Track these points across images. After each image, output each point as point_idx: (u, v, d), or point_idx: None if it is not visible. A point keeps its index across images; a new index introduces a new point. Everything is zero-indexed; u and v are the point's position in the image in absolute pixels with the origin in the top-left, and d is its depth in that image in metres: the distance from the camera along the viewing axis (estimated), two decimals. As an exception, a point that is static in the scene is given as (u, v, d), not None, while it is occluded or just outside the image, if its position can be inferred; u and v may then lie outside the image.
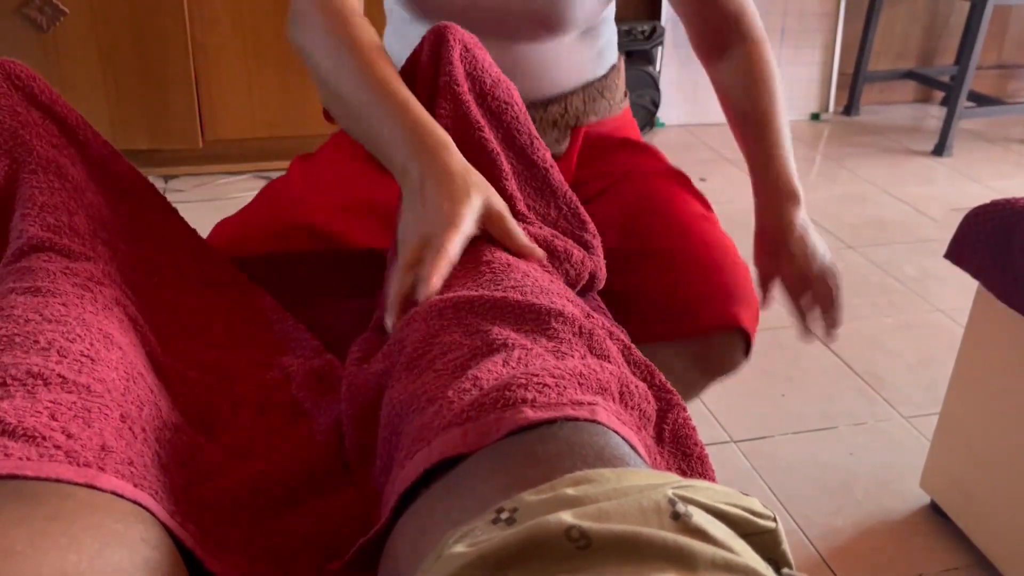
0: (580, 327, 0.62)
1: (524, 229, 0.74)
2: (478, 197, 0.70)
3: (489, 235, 0.72)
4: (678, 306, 0.93)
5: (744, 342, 0.94)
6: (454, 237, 0.67)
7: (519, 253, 0.72)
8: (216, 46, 2.44)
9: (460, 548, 0.37)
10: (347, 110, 0.79)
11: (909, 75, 3.59)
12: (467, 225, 0.68)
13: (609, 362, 0.59)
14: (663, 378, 0.66)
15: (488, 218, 0.71)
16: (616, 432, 0.49)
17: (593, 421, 0.49)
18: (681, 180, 1.06)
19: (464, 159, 0.73)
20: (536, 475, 0.44)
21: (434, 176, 0.70)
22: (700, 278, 0.93)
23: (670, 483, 0.41)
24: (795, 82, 3.42)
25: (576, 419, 0.48)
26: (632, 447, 0.50)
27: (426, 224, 0.69)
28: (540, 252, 0.73)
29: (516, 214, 0.77)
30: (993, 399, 1.27)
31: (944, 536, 1.40)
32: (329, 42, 0.80)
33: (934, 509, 1.44)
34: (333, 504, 0.60)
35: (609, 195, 1.05)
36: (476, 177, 0.72)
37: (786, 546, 0.41)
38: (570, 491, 0.40)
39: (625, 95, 1.15)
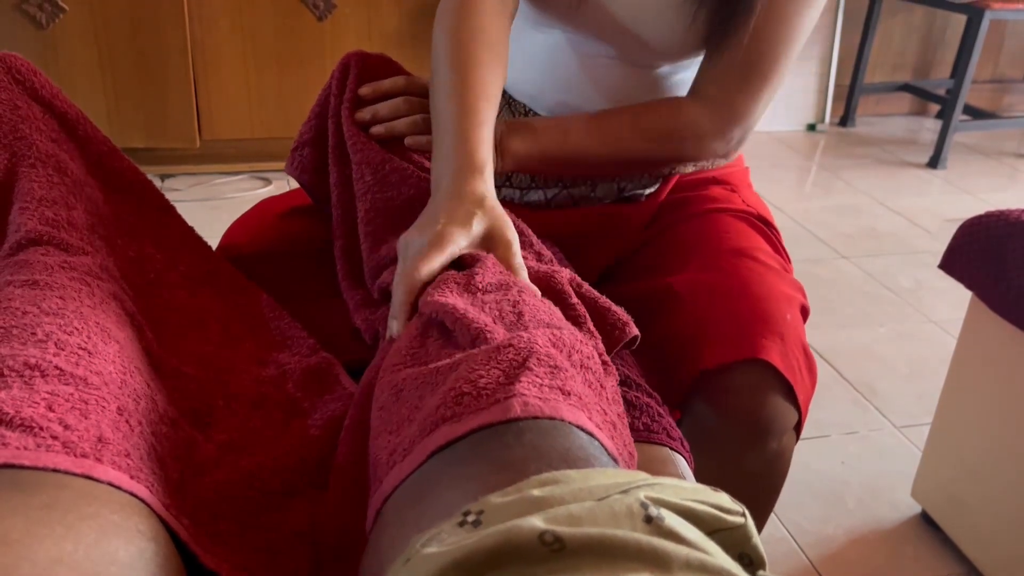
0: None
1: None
2: (479, 223, 0.70)
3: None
4: (691, 341, 0.82)
5: (778, 383, 0.80)
6: (432, 257, 0.67)
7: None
8: (215, 46, 2.45)
9: (431, 549, 0.36)
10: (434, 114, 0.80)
11: (905, 88, 3.61)
12: (452, 247, 0.68)
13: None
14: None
15: (493, 245, 0.71)
16: (577, 426, 0.49)
17: (550, 418, 0.48)
18: (749, 217, 0.98)
19: (492, 188, 0.73)
20: (502, 480, 0.43)
21: (451, 195, 0.71)
22: (720, 309, 0.83)
23: (637, 481, 0.41)
24: (792, 93, 3.43)
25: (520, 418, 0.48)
26: (597, 440, 0.49)
27: (416, 233, 0.70)
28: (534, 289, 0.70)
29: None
30: (985, 410, 1.27)
31: (934, 545, 1.40)
32: (448, 42, 0.81)
33: (925, 519, 1.45)
34: (327, 499, 0.60)
35: (667, 235, 0.97)
36: (492, 208, 0.72)
37: (757, 540, 0.41)
38: (536, 492, 0.40)
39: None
